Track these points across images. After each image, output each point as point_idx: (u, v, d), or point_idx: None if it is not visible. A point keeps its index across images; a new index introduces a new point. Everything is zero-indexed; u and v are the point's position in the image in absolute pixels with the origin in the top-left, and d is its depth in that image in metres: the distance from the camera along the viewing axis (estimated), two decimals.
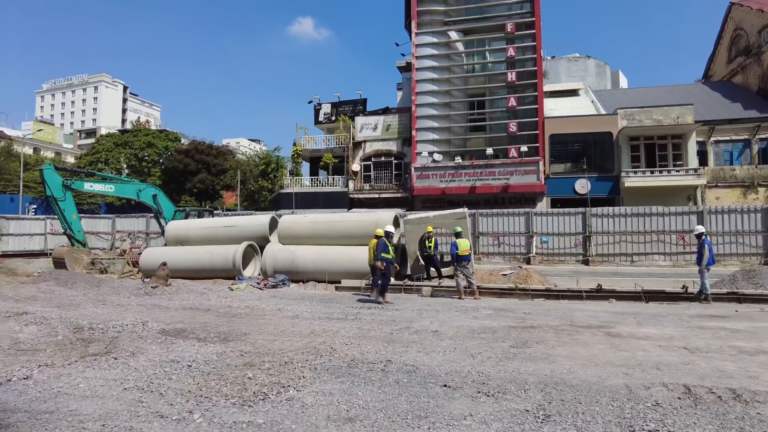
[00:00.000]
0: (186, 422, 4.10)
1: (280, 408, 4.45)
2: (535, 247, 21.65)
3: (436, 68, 31.70)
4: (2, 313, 9.35)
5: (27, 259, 24.21)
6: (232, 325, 8.66)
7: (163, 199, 22.62)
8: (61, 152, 76.13)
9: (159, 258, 16.37)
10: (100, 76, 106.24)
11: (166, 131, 57.71)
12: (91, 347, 6.71)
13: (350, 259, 14.86)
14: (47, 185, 19.50)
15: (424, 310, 10.59)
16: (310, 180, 36.55)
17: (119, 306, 10.90)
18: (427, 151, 30.59)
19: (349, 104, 38.64)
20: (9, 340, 7.06)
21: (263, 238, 17.10)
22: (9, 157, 51.10)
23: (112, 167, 49.12)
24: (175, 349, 6.61)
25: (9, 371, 5.49)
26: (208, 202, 47.28)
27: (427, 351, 6.65)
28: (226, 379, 5.27)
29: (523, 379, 5.32)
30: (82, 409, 4.39)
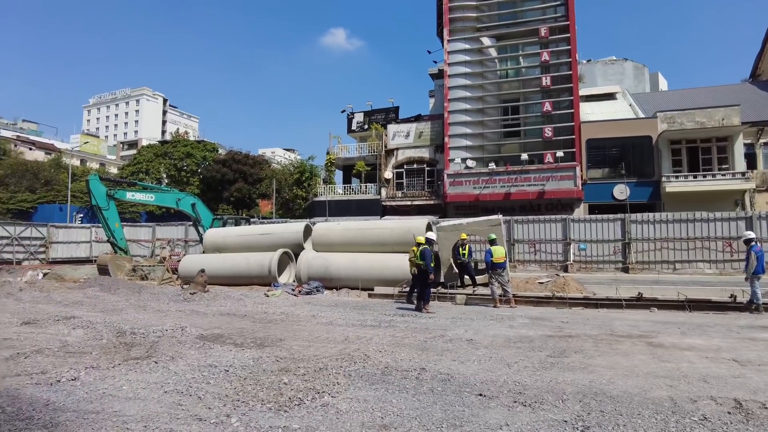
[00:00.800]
0: (224, 426, 4.18)
1: (315, 414, 4.49)
2: (573, 254, 21.16)
3: (469, 74, 31.56)
4: (52, 316, 9.80)
5: (74, 266, 25.29)
6: (267, 330, 8.79)
7: (202, 208, 23.27)
8: (105, 163, 79.30)
9: (197, 265, 16.82)
10: (141, 90, 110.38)
11: (204, 142, 59.38)
12: (133, 351, 6.94)
13: (383, 266, 14.88)
14: (92, 195, 20.34)
15: (458, 318, 10.49)
16: (343, 188, 36.88)
17: (159, 311, 11.23)
18: (461, 158, 30.41)
19: (382, 112, 38.88)
20: (58, 343, 7.38)
21: (298, 245, 17.34)
22: (58, 169, 53.55)
23: (153, 177, 50.85)
24: (212, 354, 6.75)
25: (58, 372, 5.74)
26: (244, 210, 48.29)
27: (461, 360, 6.58)
28: (262, 384, 5.35)
29: (561, 389, 5.20)
30: (126, 411, 4.53)
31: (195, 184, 50.05)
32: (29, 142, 69.10)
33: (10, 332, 8.25)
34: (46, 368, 5.94)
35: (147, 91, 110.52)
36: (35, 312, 10.63)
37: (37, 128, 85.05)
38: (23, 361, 6.27)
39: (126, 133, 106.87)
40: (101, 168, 71.15)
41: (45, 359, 6.40)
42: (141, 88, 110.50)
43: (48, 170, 52.27)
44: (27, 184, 47.86)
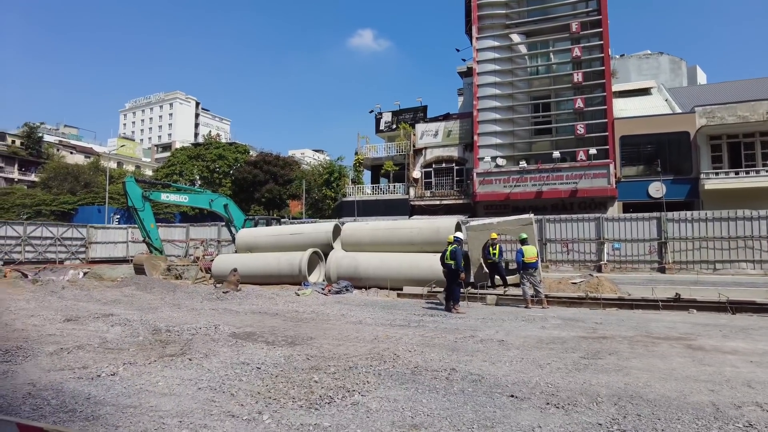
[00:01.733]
0: (256, 423, 4.24)
1: (346, 412, 4.51)
2: (607, 254, 20.67)
3: (498, 72, 31.17)
4: (92, 314, 10.15)
5: (111, 265, 26.14)
6: (298, 329, 8.89)
7: (234, 209, 23.73)
8: (140, 165, 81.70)
9: (230, 264, 17.15)
10: (174, 94, 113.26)
11: (236, 144, 60.49)
12: (168, 348, 7.11)
13: (412, 266, 14.86)
14: (129, 196, 20.99)
15: (488, 318, 10.38)
16: (372, 188, 36.98)
17: (193, 310, 11.49)
18: (490, 156, 30.07)
19: (410, 112, 38.81)
20: (98, 339, 7.64)
21: (327, 244, 17.47)
22: (97, 172, 55.51)
23: (186, 179, 52.10)
24: (245, 352, 6.87)
25: (98, 367, 5.94)
26: (275, 210, 49.00)
27: (492, 360, 6.50)
28: (293, 381, 5.40)
29: (595, 392, 5.08)
30: (162, 406, 4.65)
31: (227, 185, 51.04)
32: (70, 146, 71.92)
33: (53, 328, 8.59)
34: (87, 363, 6.16)
35: (180, 95, 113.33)
36: (77, 309, 11.03)
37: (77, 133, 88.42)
38: (66, 356, 6.51)
39: (160, 136, 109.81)
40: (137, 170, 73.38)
41: (86, 355, 6.63)
42: (174, 92, 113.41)
43: (87, 173, 54.29)
44: (68, 187, 49.83)
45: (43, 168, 57.49)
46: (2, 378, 5.50)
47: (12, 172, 59.41)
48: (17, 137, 62.16)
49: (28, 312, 10.47)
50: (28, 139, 61.51)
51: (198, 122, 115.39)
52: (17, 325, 8.91)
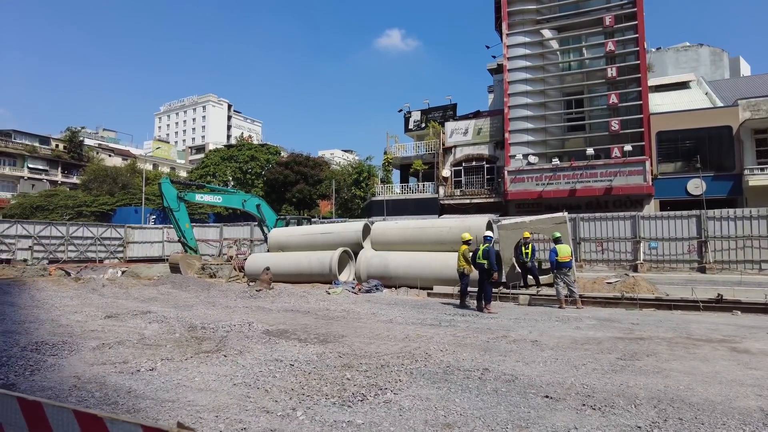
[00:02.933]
0: (290, 419, 4.29)
1: (378, 410, 4.51)
2: (643, 253, 20.06)
3: (530, 68, 30.66)
4: (131, 311, 10.48)
5: (148, 264, 26.90)
6: (329, 327, 8.96)
7: (266, 209, 24.09)
8: (175, 167, 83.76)
9: (262, 263, 17.43)
10: (207, 97, 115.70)
11: (267, 145, 61.38)
12: (204, 345, 7.27)
13: (442, 265, 14.77)
14: (164, 197, 21.54)
15: (521, 318, 10.23)
16: (401, 187, 36.94)
17: (227, 308, 11.72)
18: (522, 154, 29.61)
19: (439, 110, 38.60)
20: (137, 336, 7.87)
21: (357, 244, 17.55)
22: (134, 173, 57.25)
23: (220, 180, 53.17)
24: (278, 349, 6.96)
25: (138, 363, 6.12)
26: (305, 210, 49.51)
27: (526, 361, 6.40)
28: (326, 379, 5.45)
29: (633, 394, 4.94)
30: (198, 401, 4.76)
31: (259, 186, 51.86)
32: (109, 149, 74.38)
33: (95, 324, 8.91)
34: (127, 358, 6.35)
35: (213, 98, 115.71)
36: (116, 306, 11.41)
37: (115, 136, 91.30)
38: (107, 351, 6.74)
39: (194, 138, 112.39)
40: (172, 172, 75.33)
41: (126, 350, 6.84)
42: (207, 95, 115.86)
43: (125, 175, 56.01)
44: (107, 188, 51.54)
45: (84, 170, 59.67)
46: (51, 371, 5.73)
47: (56, 175, 61.82)
48: (60, 141, 64.67)
49: (72, 308, 10.87)
50: (70, 143, 63.90)
51: (230, 124, 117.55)
52: (62, 321, 9.27)
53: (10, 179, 57.74)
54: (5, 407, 1.42)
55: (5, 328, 8.36)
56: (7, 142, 58.78)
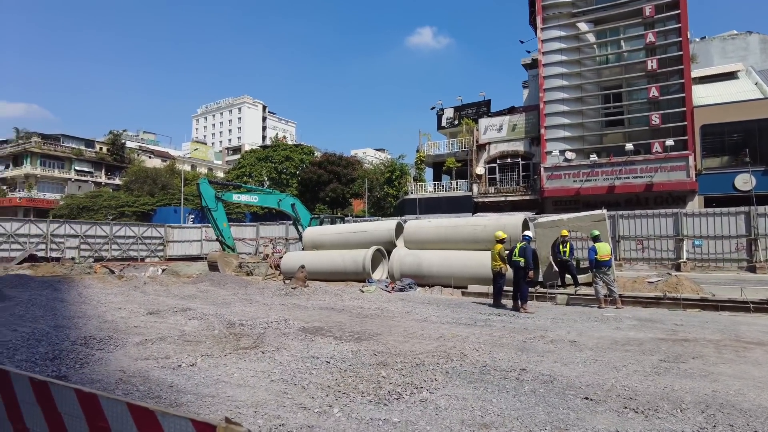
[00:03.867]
0: (326, 415, 4.33)
1: (414, 409, 4.50)
2: (686, 251, 19.36)
3: (565, 62, 29.96)
4: (171, 308, 10.79)
5: (187, 263, 27.66)
6: (364, 325, 9.00)
7: (300, 208, 24.41)
8: (212, 168, 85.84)
9: (297, 261, 17.66)
10: (242, 98, 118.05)
11: (301, 146, 62.20)
12: (242, 341, 7.42)
13: (477, 264, 14.61)
14: (203, 197, 22.10)
15: (559, 318, 10.02)
16: (434, 185, 36.73)
17: (264, 305, 11.93)
18: (558, 150, 28.96)
19: (472, 107, 38.19)
20: (177, 332, 8.10)
21: (390, 242, 17.57)
22: (173, 174, 59.02)
23: (256, 180, 54.21)
24: (314, 346, 7.04)
25: (179, 358, 6.30)
26: (339, 209, 49.94)
27: (564, 361, 6.27)
28: (361, 376, 5.47)
29: (679, 397, 4.76)
30: (237, 396, 4.86)
31: (294, 185, 52.60)
32: (149, 151, 76.83)
33: (138, 321, 9.22)
34: (169, 354, 6.55)
35: (248, 100, 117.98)
36: (157, 303, 11.77)
37: (154, 138, 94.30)
38: (150, 347, 6.96)
39: (230, 140, 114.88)
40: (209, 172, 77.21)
41: (167, 346, 7.05)
42: (242, 97, 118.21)
43: (164, 176, 57.81)
44: (147, 189, 53.32)
45: (126, 172, 61.91)
46: (98, 364, 5.97)
47: (100, 177, 64.36)
48: (104, 144, 67.25)
49: (116, 305, 11.29)
50: (112, 146, 66.38)
51: (265, 125, 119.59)
52: (107, 317, 9.63)
53: (58, 181, 60.44)
54: (64, 398, 1.49)
55: (57, 323, 8.75)
56: (56, 146, 61.51)
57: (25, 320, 8.86)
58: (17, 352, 6.43)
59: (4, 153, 60.69)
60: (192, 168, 76.32)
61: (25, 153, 58.45)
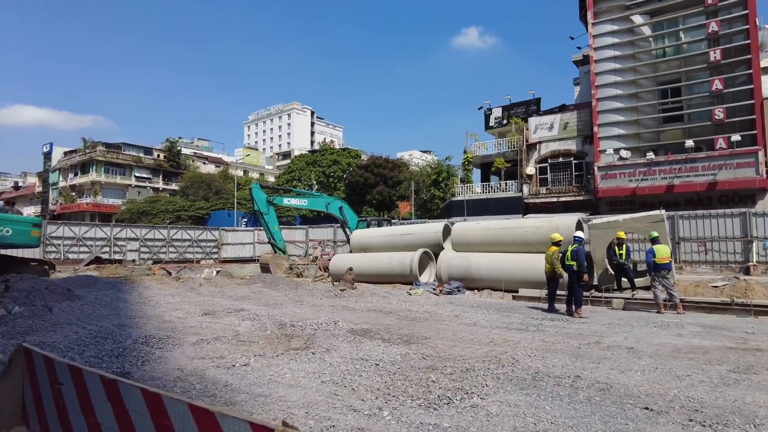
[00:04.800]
0: (376, 418, 4.34)
1: (465, 414, 4.43)
2: (756, 254, 18.14)
3: (619, 57, 28.81)
4: (226, 309, 11.14)
5: (240, 264, 28.55)
6: (412, 328, 8.97)
7: (348, 211, 24.67)
8: (263, 173, 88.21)
9: (345, 263, 17.85)
10: (291, 105, 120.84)
11: (348, 149, 62.97)
12: (293, 342, 7.56)
13: (528, 267, 14.26)
14: (255, 201, 22.74)
15: (615, 324, 9.63)
16: (482, 186, 36.21)
17: (314, 306, 12.12)
18: (613, 148, 27.86)
19: (521, 106, 37.40)
20: (231, 333, 8.35)
21: (437, 245, 17.44)
22: (226, 179, 61.12)
23: (305, 184, 55.28)
24: (363, 348, 7.07)
25: (233, 358, 6.49)
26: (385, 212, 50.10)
27: (621, 369, 6.00)
28: (410, 380, 5.45)
29: (751, 411, 4.45)
30: (289, 396, 4.94)
31: (341, 188, 53.27)
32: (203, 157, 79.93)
33: (194, 321, 9.57)
34: (223, 354, 6.75)
35: (297, 106, 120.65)
36: (212, 304, 12.18)
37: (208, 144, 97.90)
38: (206, 347, 7.21)
39: (280, 145, 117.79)
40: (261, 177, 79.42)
41: (222, 346, 7.28)
42: (291, 103, 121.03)
43: (218, 181, 59.98)
44: (202, 194, 55.49)
45: (182, 178, 64.68)
46: (158, 362, 6.24)
47: (158, 182, 67.51)
48: (161, 151, 70.55)
49: (173, 306, 11.77)
50: (169, 153, 69.55)
51: (313, 130, 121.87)
52: (166, 317, 10.06)
53: (120, 187, 63.87)
54: (131, 396, 1.57)
55: (120, 322, 9.23)
56: (118, 154, 65.08)
57: (92, 319, 9.39)
58: (86, 348, 6.82)
59: (74, 161, 64.76)
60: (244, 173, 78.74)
61: (91, 161, 62.14)
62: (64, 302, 10.92)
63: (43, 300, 10.66)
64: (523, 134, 32.79)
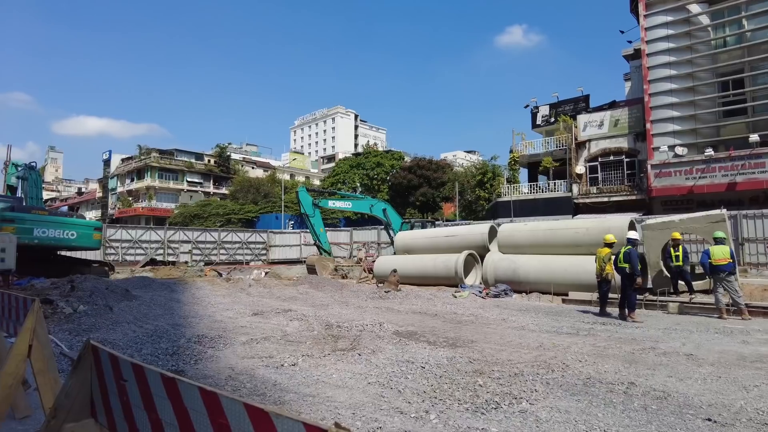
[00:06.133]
0: (423, 421, 4.31)
1: (513, 419, 4.34)
2: None
3: (674, 50, 27.49)
4: (274, 309, 11.40)
5: (287, 266, 29.16)
6: (458, 331, 8.88)
7: (392, 213, 24.74)
8: (309, 176, 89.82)
9: (389, 265, 17.89)
10: (335, 109, 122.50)
11: (392, 151, 63.20)
12: (339, 343, 7.64)
13: (578, 269, 13.84)
14: (301, 204, 23.19)
15: (672, 329, 9.18)
16: (529, 187, 35.41)
17: (359, 308, 12.21)
18: (667, 145, 26.62)
19: (570, 103, 36.36)
20: (280, 333, 8.53)
21: (483, 247, 17.21)
22: (273, 183, 62.63)
23: (349, 186, 55.87)
24: (408, 350, 7.06)
25: (282, 358, 6.63)
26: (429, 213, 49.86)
27: (680, 377, 5.72)
28: (457, 383, 5.39)
29: None
30: (336, 397, 4.99)
31: (384, 190, 53.49)
32: (251, 162, 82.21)
33: (244, 321, 9.85)
34: (272, 353, 6.91)
35: (341, 110, 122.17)
36: (261, 305, 12.50)
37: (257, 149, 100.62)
38: (255, 346, 7.40)
39: (325, 149, 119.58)
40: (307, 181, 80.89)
41: (271, 346, 7.45)
42: (335, 107, 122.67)
43: (266, 185, 61.53)
44: (251, 197, 57.07)
45: (231, 182, 66.76)
46: (210, 361, 6.46)
47: (208, 187, 69.96)
48: (212, 157, 73.12)
49: (224, 306, 12.16)
50: (219, 158, 72.00)
51: (357, 133, 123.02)
52: (217, 317, 10.40)
53: (173, 192, 66.59)
54: (189, 394, 1.64)
55: (174, 321, 9.61)
56: (171, 159, 67.89)
57: (148, 318, 9.83)
58: (144, 346, 7.14)
59: (130, 168, 68.09)
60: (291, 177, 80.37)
61: (146, 167, 65.11)
62: (122, 302, 11.50)
63: (104, 300, 11.25)
64: (572, 132, 31.84)
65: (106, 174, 73.35)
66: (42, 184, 21.89)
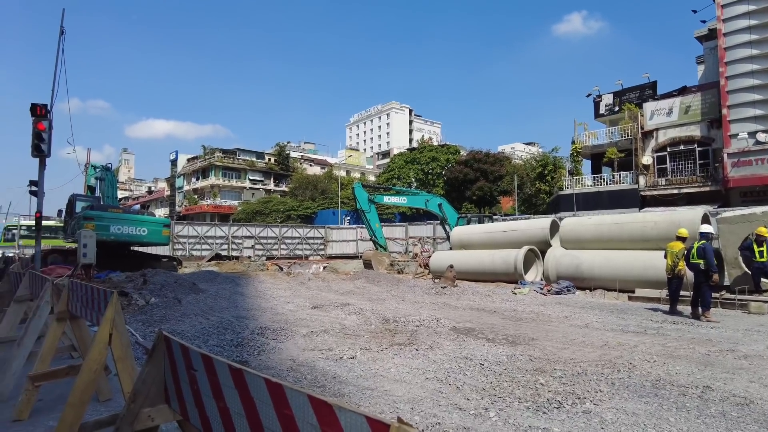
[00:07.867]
0: (482, 418, 4.26)
1: (577, 420, 4.20)
2: None
3: (755, 27, 25.35)
4: (332, 303, 11.63)
5: (344, 261, 29.63)
6: (518, 328, 8.68)
7: (447, 208, 24.54)
8: (365, 172, 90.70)
9: (446, 261, 17.75)
10: (390, 105, 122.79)
11: (447, 145, 62.52)
12: (397, 337, 7.68)
13: (646, 265, 13.14)
14: (357, 200, 23.47)
15: (753, 330, 8.54)
16: (592, 179, 33.99)
17: (415, 303, 12.22)
18: (747, 132, 24.69)
19: (635, 90, 34.52)
20: (338, 326, 8.69)
21: (544, 242, 16.71)
22: (330, 180, 63.75)
23: (404, 182, 55.88)
24: (466, 347, 6.98)
25: (340, 351, 6.74)
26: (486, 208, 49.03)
27: (764, 382, 5.31)
28: (517, 382, 5.27)
29: None
30: (394, 391, 5.02)
31: (440, 185, 53.09)
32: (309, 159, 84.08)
33: (304, 314, 10.10)
34: (332, 346, 7.05)
35: (395, 105, 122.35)
36: (320, 298, 12.78)
37: (314, 147, 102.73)
38: (315, 339, 7.57)
39: (380, 145, 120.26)
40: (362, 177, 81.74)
41: (330, 338, 7.60)
42: (390, 103, 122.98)
43: (323, 182, 62.74)
44: (309, 194, 58.41)
45: (291, 179, 68.58)
46: (272, 353, 6.68)
47: (269, 184, 72.21)
48: (271, 155, 75.41)
49: (285, 299, 12.53)
50: (278, 156, 74.15)
51: (412, 128, 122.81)
52: (279, 309, 10.74)
53: (236, 189, 69.24)
54: (255, 385, 1.71)
55: (238, 314, 10.02)
56: (234, 159, 70.60)
57: (214, 310, 10.30)
58: (210, 337, 7.49)
59: (195, 167, 71.47)
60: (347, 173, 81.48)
61: (210, 166, 68.09)
62: (190, 295, 12.11)
63: (174, 293, 11.91)
64: (638, 121, 30.21)
65: (173, 173, 77.43)
66: (117, 184, 23.44)
